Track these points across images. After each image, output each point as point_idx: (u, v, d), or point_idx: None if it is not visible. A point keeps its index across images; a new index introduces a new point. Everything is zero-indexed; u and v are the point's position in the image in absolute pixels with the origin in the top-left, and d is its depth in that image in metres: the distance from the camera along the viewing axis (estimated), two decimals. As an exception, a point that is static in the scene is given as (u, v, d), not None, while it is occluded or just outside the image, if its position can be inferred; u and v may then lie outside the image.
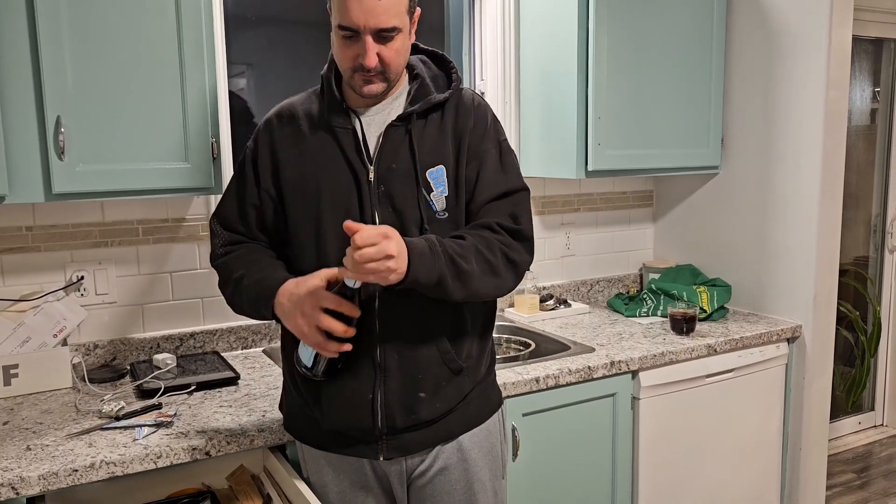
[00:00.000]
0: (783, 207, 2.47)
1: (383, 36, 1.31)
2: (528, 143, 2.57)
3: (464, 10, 2.62)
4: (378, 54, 1.31)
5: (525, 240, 1.43)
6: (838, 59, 2.32)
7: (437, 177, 1.39)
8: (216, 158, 1.84)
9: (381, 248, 1.21)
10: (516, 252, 1.41)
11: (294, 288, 1.33)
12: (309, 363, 1.36)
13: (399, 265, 1.24)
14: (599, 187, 2.84)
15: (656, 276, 2.76)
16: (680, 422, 2.24)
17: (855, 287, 3.63)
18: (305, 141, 1.42)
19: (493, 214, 1.41)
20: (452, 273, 1.31)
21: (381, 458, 1.44)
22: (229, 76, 2.20)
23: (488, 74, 2.60)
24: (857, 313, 3.58)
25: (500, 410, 1.57)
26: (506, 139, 1.48)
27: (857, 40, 3.12)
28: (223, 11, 2.15)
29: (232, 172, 2.18)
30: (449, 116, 1.42)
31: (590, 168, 2.34)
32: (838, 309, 2.53)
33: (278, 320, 1.38)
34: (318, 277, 1.31)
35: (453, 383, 1.44)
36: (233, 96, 2.23)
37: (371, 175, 1.38)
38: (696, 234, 2.80)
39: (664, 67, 2.44)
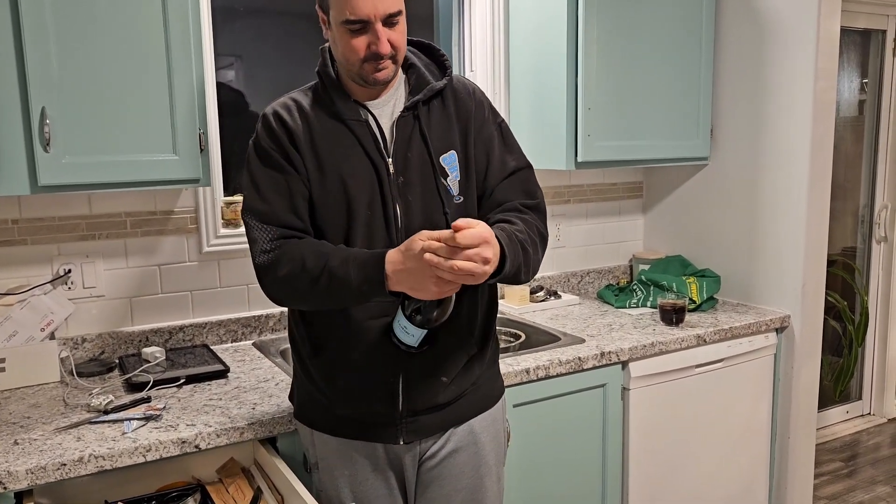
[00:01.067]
0: (772, 198, 2.48)
1: (390, 22, 1.33)
2: (517, 135, 2.49)
3: (453, 1, 2.61)
4: (388, 39, 1.34)
5: (543, 213, 1.51)
6: (826, 50, 2.33)
7: (450, 162, 1.43)
8: (204, 150, 1.82)
9: (479, 252, 1.21)
10: (543, 227, 1.48)
11: (405, 251, 1.26)
12: (416, 343, 1.36)
13: (492, 268, 1.25)
14: (589, 178, 2.84)
15: (646, 267, 2.76)
16: (669, 412, 2.25)
17: (843, 277, 3.65)
18: (318, 134, 1.41)
19: (507, 193, 1.46)
20: (524, 261, 1.35)
21: (401, 442, 1.46)
22: (217, 68, 2.19)
23: (478, 66, 2.59)
24: (845, 303, 3.60)
25: (503, 399, 1.61)
26: (503, 119, 1.54)
27: (845, 31, 3.12)
28: (210, 2, 2.13)
29: (220, 165, 2.19)
30: (449, 103, 1.46)
31: (580, 159, 2.34)
32: (826, 299, 2.55)
33: (378, 294, 1.30)
34: (420, 241, 1.25)
35: (466, 368, 1.48)
36: (221, 88, 2.21)
37: (391, 167, 1.40)
38: (685, 225, 2.81)
39: (653, 58, 2.44)
